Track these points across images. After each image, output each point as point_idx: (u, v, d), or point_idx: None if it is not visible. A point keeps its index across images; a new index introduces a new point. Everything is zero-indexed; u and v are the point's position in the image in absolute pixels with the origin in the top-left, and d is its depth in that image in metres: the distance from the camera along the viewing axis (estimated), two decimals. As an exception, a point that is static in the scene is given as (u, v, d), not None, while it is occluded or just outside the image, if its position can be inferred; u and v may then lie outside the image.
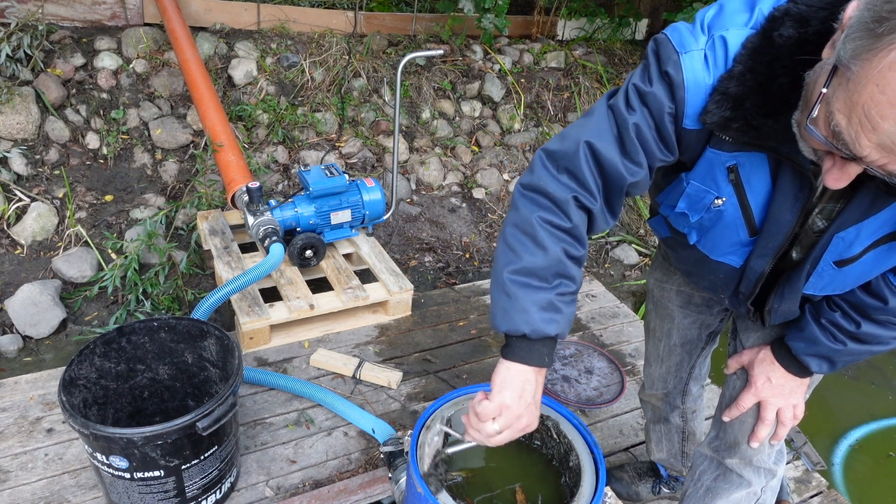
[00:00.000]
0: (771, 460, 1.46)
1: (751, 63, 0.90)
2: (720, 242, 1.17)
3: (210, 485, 1.71)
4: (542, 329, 1.03)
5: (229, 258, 2.61)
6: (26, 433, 1.98)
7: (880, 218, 0.98)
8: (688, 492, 1.61)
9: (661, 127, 1.01)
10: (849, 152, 0.77)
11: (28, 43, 3.19)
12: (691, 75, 0.95)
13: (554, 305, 1.04)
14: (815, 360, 1.22)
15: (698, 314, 1.55)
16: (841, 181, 0.83)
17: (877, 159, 0.75)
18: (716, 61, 0.94)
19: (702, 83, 0.95)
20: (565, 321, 1.06)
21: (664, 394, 1.75)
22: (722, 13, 0.95)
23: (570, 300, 1.07)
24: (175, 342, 1.84)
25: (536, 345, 1.06)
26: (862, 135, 0.74)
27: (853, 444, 2.79)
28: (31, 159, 3.07)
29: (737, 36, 0.92)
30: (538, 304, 1.03)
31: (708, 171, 1.06)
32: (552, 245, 1.04)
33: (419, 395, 2.30)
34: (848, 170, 0.82)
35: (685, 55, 0.95)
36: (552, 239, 1.04)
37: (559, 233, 1.05)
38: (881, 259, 1.05)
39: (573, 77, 4.50)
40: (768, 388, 1.30)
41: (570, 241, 1.06)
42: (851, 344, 1.16)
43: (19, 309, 2.61)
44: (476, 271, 3.45)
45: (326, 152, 3.51)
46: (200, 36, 3.62)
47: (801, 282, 1.14)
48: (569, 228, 1.05)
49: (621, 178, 1.04)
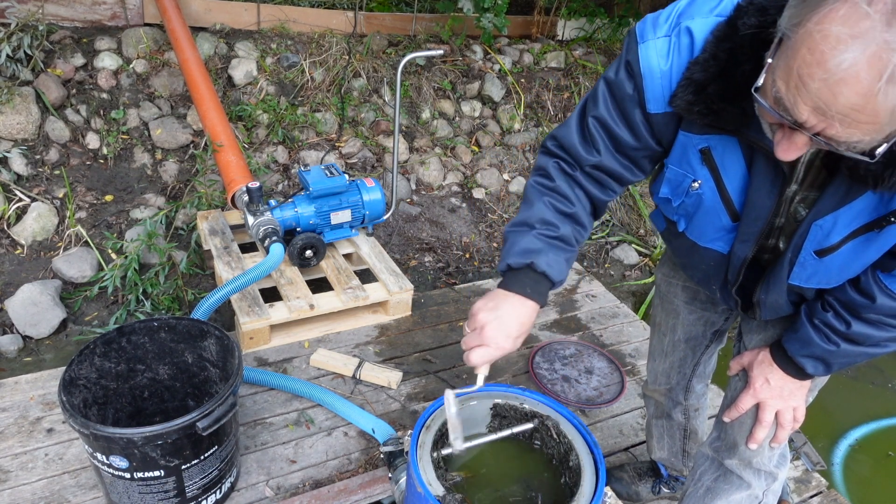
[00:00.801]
0: (772, 463, 1.45)
1: (714, 50, 0.95)
2: (706, 228, 1.21)
3: (210, 485, 1.71)
4: (519, 260, 1.17)
5: (229, 258, 2.62)
6: (26, 433, 1.98)
7: (855, 207, 0.99)
8: (688, 491, 1.61)
9: (626, 113, 1.11)
10: (790, 118, 0.80)
11: (28, 43, 3.19)
12: (646, 63, 1.03)
13: (532, 242, 1.18)
14: (809, 362, 1.22)
15: (703, 311, 1.55)
16: (790, 152, 0.86)
17: (815, 124, 0.77)
18: (679, 49, 1.00)
19: (656, 70, 1.03)
20: (543, 257, 1.17)
21: (667, 389, 1.75)
22: (692, 3, 1.01)
23: (553, 242, 1.18)
24: (175, 342, 1.84)
25: (519, 275, 1.18)
26: (798, 99, 0.76)
27: (853, 444, 2.79)
28: (31, 159, 3.07)
29: (702, 24, 0.98)
30: (520, 245, 1.19)
31: (682, 154, 1.12)
32: (537, 199, 1.21)
33: (419, 395, 2.30)
34: (795, 140, 0.84)
35: (643, 45, 1.04)
36: (538, 194, 1.22)
37: (545, 190, 1.22)
38: (860, 250, 1.05)
39: (573, 77, 4.50)
40: (767, 390, 1.30)
41: (557, 197, 1.21)
42: (844, 345, 1.15)
43: (19, 309, 2.61)
44: (476, 271, 3.45)
45: (326, 152, 3.51)
46: (200, 36, 3.62)
47: (784, 272, 1.16)
48: (552, 186, 1.21)
49: (581, 159, 1.19)
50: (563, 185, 1.21)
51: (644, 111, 1.08)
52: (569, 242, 1.20)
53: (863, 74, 0.69)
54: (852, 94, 0.71)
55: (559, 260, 1.18)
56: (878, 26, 0.67)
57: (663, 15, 1.03)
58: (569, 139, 1.20)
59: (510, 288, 1.18)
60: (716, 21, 0.96)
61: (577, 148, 1.19)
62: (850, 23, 0.69)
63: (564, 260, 1.19)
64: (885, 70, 0.68)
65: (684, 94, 0.99)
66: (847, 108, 0.72)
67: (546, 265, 1.16)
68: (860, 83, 0.70)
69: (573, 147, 1.19)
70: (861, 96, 0.71)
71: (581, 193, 1.23)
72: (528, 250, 1.17)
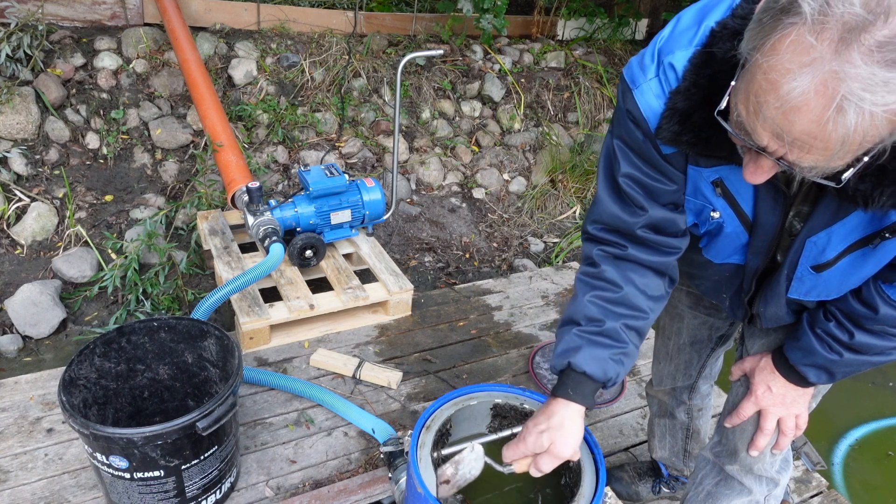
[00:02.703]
0: (774, 469, 1.44)
1: (695, 78, 0.94)
2: (724, 248, 1.20)
3: (210, 485, 1.71)
4: (559, 361, 1.18)
5: (229, 258, 2.61)
6: (26, 433, 1.98)
7: (848, 224, 0.99)
8: (689, 494, 1.60)
9: (649, 159, 1.08)
10: (752, 143, 0.79)
11: (28, 43, 3.19)
12: (645, 106, 1.02)
13: (574, 341, 1.17)
14: (812, 371, 1.20)
15: (707, 316, 1.55)
16: (757, 175, 0.86)
17: (776, 149, 0.77)
18: (668, 84, 0.99)
19: (657, 110, 1.01)
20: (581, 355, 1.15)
21: (671, 388, 1.74)
22: (672, 35, 0.99)
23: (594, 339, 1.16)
24: (175, 342, 1.84)
25: (563, 377, 1.19)
26: (758, 124, 0.76)
27: (853, 444, 2.79)
28: (31, 159, 3.07)
29: (682, 57, 0.97)
30: (563, 344, 1.19)
31: (695, 187, 1.10)
32: (583, 293, 1.20)
33: (419, 395, 2.30)
34: (761, 164, 0.84)
35: (636, 90, 1.03)
36: (584, 287, 1.21)
37: (590, 280, 1.20)
38: (857, 265, 1.05)
39: (573, 77, 4.50)
40: (769, 398, 1.29)
41: (602, 286, 1.18)
42: (847, 354, 1.14)
43: (19, 309, 2.61)
44: (476, 271, 3.45)
45: (326, 152, 3.51)
46: (200, 36, 3.62)
47: (781, 286, 1.16)
48: (595, 273, 1.19)
49: (628, 225, 1.15)
50: (610, 271, 1.18)
51: (660, 153, 1.07)
52: (615, 337, 1.16)
53: (813, 103, 0.69)
54: (805, 122, 0.71)
55: (601, 357, 1.15)
56: (827, 55, 0.67)
57: (647, 55, 1.02)
58: (609, 211, 1.15)
59: (556, 392, 1.19)
60: (695, 51, 0.95)
61: (621, 216, 1.14)
62: (800, 51, 0.68)
63: (609, 357, 1.15)
64: (834, 99, 0.67)
65: (669, 126, 0.98)
66: (803, 135, 0.72)
67: (584, 363, 1.14)
68: (811, 111, 0.69)
69: (616, 218, 1.14)
70: (814, 124, 0.70)
71: (635, 274, 1.18)
72: (567, 350, 1.17)
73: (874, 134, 0.69)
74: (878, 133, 0.69)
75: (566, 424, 1.16)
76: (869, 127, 0.68)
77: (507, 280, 3.08)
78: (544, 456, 1.16)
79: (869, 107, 0.66)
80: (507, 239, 3.71)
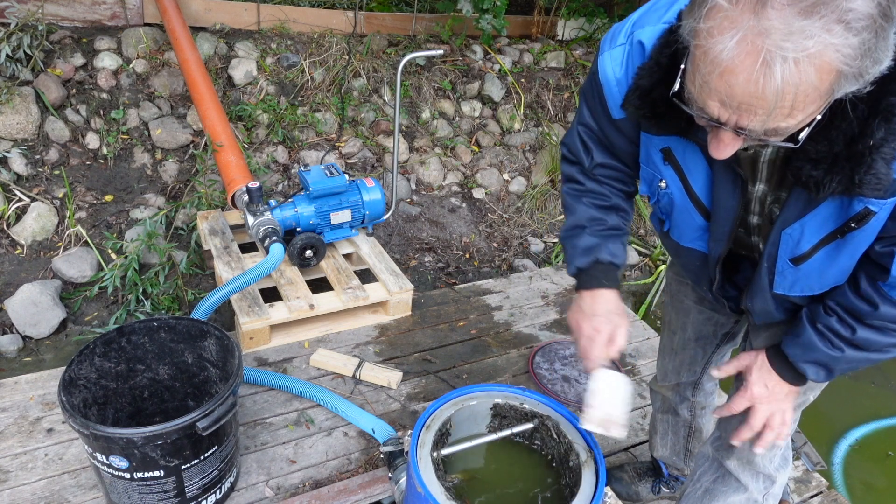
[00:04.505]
0: (773, 465, 1.44)
1: (658, 56, 0.99)
2: (685, 229, 1.25)
3: (210, 485, 1.71)
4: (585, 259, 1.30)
5: (229, 258, 2.62)
6: (26, 433, 1.98)
7: (819, 214, 1.01)
8: (686, 491, 1.61)
9: (602, 119, 1.19)
10: (706, 115, 0.84)
11: (28, 43, 3.19)
12: (604, 72, 1.11)
13: (590, 240, 1.30)
14: (811, 367, 1.19)
15: (712, 311, 1.55)
16: (720, 150, 0.89)
17: (729, 117, 0.81)
18: (632, 56, 1.06)
19: (612, 77, 1.10)
20: (604, 250, 1.29)
21: (676, 384, 1.74)
22: (647, 11, 1.06)
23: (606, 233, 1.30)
24: (175, 342, 1.84)
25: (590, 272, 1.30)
26: (705, 96, 0.81)
27: (853, 444, 2.79)
28: (31, 159, 3.07)
29: (651, 32, 1.02)
30: (581, 245, 1.31)
31: (647, 154, 1.18)
32: (577, 202, 1.33)
33: (419, 395, 2.30)
34: (721, 137, 0.87)
35: (603, 55, 1.11)
36: (576, 198, 1.34)
37: (580, 193, 1.34)
38: (833, 257, 1.07)
39: (573, 77, 4.50)
40: (763, 394, 1.27)
41: (592, 196, 1.32)
42: (849, 350, 1.14)
43: (19, 309, 2.61)
44: (476, 271, 3.45)
45: (326, 152, 3.51)
46: (200, 36, 3.62)
47: (764, 280, 1.18)
48: (585, 189, 1.33)
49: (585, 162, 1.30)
50: (593, 184, 1.32)
51: (609, 118, 1.16)
52: (619, 229, 1.32)
53: (743, 62, 0.74)
54: (742, 82, 0.75)
55: (617, 246, 1.30)
56: (746, 17, 0.72)
57: (625, 25, 1.08)
58: (573, 146, 1.30)
59: (589, 286, 1.30)
60: (663, 28, 1.00)
61: (580, 154, 1.29)
62: (723, 18, 0.74)
63: (621, 244, 1.31)
64: (760, 55, 0.72)
65: (632, 99, 1.04)
66: (744, 96, 0.76)
67: (609, 255, 1.28)
68: (744, 70, 0.74)
69: (577, 154, 1.30)
70: (750, 83, 0.74)
71: (607, 187, 1.32)
72: (589, 248, 1.29)
73: (807, 83, 0.73)
74: (809, 81, 0.73)
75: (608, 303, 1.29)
76: (797, 76, 0.72)
77: (507, 280, 3.08)
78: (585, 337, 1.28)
79: (791, 54, 0.71)
80: (507, 239, 3.71)
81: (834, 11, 0.69)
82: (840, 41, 0.70)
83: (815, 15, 0.69)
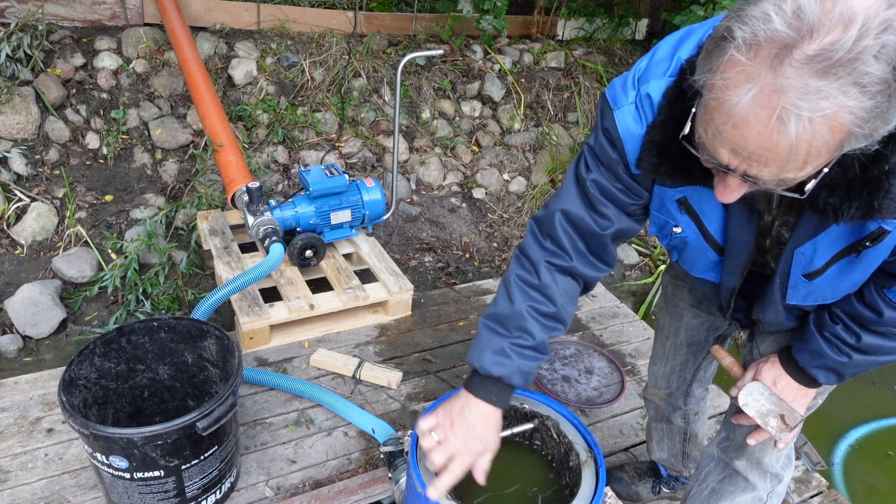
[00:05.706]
0: (779, 465, 1.46)
1: (669, 112, 0.98)
2: (696, 262, 1.26)
3: (210, 485, 1.71)
4: (488, 368, 1.18)
5: (229, 258, 2.61)
6: (26, 433, 1.98)
7: (831, 234, 1.02)
8: (692, 492, 1.61)
9: (618, 176, 1.13)
10: (715, 162, 0.84)
11: (28, 43, 3.19)
12: (624, 128, 1.06)
13: (505, 352, 1.19)
14: (822, 372, 1.23)
15: (708, 314, 1.55)
16: (726, 194, 0.89)
17: (738, 165, 0.81)
18: (644, 113, 1.04)
19: (635, 133, 1.06)
20: (514, 368, 1.18)
21: (667, 394, 1.75)
22: (649, 65, 1.04)
23: (525, 353, 1.19)
24: (175, 342, 1.84)
25: (487, 382, 1.20)
26: (716, 143, 0.81)
27: (853, 444, 2.79)
28: (31, 159, 3.07)
29: (657, 87, 1.01)
30: (493, 347, 1.19)
31: (660, 203, 1.16)
32: (519, 299, 1.20)
33: (419, 395, 2.30)
34: (728, 182, 0.87)
35: (617, 111, 1.06)
36: (522, 295, 1.20)
37: (528, 289, 1.20)
38: (845, 272, 1.08)
39: (573, 77, 4.50)
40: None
41: (540, 299, 1.20)
42: (856, 356, 1.16)
43: (19, 309, 2.61)
44: (476, 271, 3.45)
45: (326, 152, 3.51)
46: (200, 36, 3.62)
47: (776, 294, 1.19)
48: (537, 285, 1.20)
49: (595, 232, 1.17)
50: (548, 282, 1.20)
51: (630, 172, 1.11)
52: (541, 350, 1.21)
53: (757, 116, 0.73)
54: (755, 134, 0.75)
55: (529, 368, 1.20)
56: (763, 72, 0.72)
57: (629, 80, 1.06)
58: (576, 211, 1.16)
59: (477, 393, 1.21)
60: (668, 82, 1.00)
61: (587, 220, 1.16)
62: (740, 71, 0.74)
63: (534, 367, 1.22)
64: (775, 110, 0.72)
65: (649, 157, 1.03)
66: (756, 148, 0.76)
67: (516, 380, 1.19)
68: (758, 123, 0.74)
69: (581, 219, 1.17)
70: (762, 136, 0.74)
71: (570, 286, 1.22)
72: (500, 362, 1.18)
73: (819, 140, 0.73)
74: (822, 139, 0.73)
75: (495, 426, 1.21)
76: (811, 134, 0.72)
77: (507, 280, 3.08)
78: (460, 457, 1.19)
79: (806, 114, 0.71)
80: (507, 239, 3.71)
81: (851, 74, 0.69)
82: (855, 104, 0.70)
83: (832, 76, 0.69)
